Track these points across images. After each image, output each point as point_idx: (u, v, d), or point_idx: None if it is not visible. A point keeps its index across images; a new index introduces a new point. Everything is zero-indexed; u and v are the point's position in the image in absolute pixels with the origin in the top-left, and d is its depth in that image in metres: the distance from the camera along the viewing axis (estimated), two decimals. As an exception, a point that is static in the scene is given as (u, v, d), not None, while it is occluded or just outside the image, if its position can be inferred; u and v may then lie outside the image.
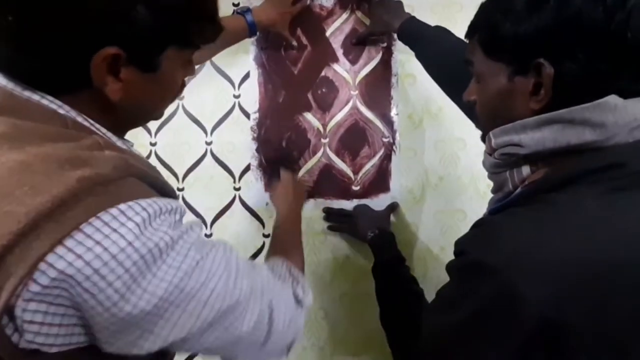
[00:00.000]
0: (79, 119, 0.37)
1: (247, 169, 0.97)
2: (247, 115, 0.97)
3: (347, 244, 0.97)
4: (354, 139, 0.96)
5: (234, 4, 0.96)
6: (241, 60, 0.96)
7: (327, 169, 0.97)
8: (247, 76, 0.97)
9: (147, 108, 0.44)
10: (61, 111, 0.36)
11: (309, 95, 0.96)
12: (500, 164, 0.46)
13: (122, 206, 0.32)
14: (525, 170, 0.44)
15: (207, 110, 0.97)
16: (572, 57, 0.38)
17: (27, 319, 0.29)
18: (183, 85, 0.48)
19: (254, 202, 0.98)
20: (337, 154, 0.97)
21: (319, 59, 0.96)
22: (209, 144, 0.98)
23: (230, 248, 0.43)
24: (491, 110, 0.48)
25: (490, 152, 0.47)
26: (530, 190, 0.42)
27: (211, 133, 0.97)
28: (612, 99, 0.37)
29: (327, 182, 0.96)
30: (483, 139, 0.51)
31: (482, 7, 0.47)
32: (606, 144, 0.38)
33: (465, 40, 0.73)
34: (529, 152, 0.42)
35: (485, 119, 0.50)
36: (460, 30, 0.73)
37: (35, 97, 0.35)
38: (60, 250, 0.29)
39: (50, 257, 0.29)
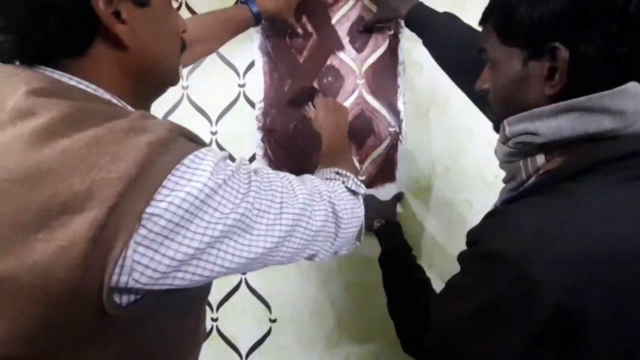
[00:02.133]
0: (114, 100, 0.41)
1: (253, 158, 0.97)
2: (252, 105, 0.96)
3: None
4: (360, 129, 0.95)
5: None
6: (246, 49, 0.94)
7: (332, 159, 0.96)
8: (252, 65, 0.95)
9: (158, 54, 0.45)
10: (98, 94, 0.40)
11: (315, 84, 0.95)
12: (514, 152, 0.46)
13: (190, 157, 0.37)
14: (540, 159, 0.43)
15: (211, 99, 0.96)
16: (589, 40, 0.38)
17: (137, 259, 0.34)
18: (184, 42, 0.50)
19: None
20: (343, 143, 0.96)
21: (325, 47, 0.95)
22: (214, 133, 0.97)
23: (277, 172, 0.49)
24: (505, 97, 0.48)
25: (504, 140, 0.47)
26: (546, 179, 0.42)
27: (216, 123, 0.97)
28: (633, 86, 0.37)
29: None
30: (496, 128, 0.50)
31: None
32: (624, 132, 0.38)
33: (474, 27, 0.72)
34: (545, 140, 0.41)
35: (499, 106, 0.49)
36: (468, 16, 0.72)
37: (72, 82, 0.39)
38: (154, 203, 0.34)
39: (149, 209, 0.34)
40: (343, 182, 0.60)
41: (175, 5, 0.93)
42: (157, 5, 0.43)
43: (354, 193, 0.60)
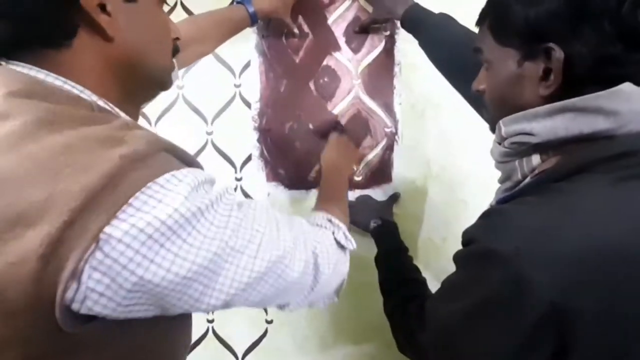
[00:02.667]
0: (100, 102, 0.39)
1: (249, 159, 0.96)
2: (248, 105, 0.96)
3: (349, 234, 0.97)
4: (356, 129, 0.95)
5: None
6: (242, 49, 0.94)
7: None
8: (248, 65, 0.95)
9: (143, 50, 0.43)
10: (84, 96, 0.38)
11: (311, 85, 0.95)
12: (509, 152, 0.46)
13: (165, 177, 0.34)
14: (536, 159, 0.43)
15: (207, 99, 0.96)
16: (583, 41, 0.38)
17: (91, 286, 0.31)
18: (177, 46, 0.49)
19: (255, 192, 0.97)
20: (339, 144, 0.96)
21: (321, 48, 0.95)
22: (209, 133, 0.97)
23: (267, 205, 0.46)
24: (500, 97, 0.48)
25: (499, 140, 0.47)
26: (541, 179, 0.42)
27: (212, 123, 0.96)
28: (627, 86, 0.37)
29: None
30: (492, 129, 0.50)
31: None
32: (618, 132, 0.38)
33: (469, 28, 0.72)
34: (540, 140, 0.42)
35: (494, 106, 0.50)
36: (463, 16, 0.73)
37: (58, 82, 0.37)
38: (115, 222, 0.31)
39: (107, 229, 0.31)
40: (333, 233, 0.57)
41: (171, 3, 0.92)
42: (144, 2, 0.43)
43: (342, 247, 0.57)
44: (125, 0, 0.41)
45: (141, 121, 0.96)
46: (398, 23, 0.84)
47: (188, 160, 0.39)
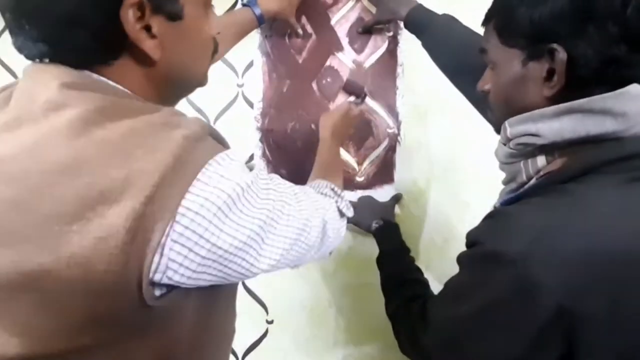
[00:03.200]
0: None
1: (251, 158, 0.96)
2: (251, 105, 0.96)
3: (351, 235, 0.96)
4: (358, 130, 0.95)
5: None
6: (245, 49, 0.94)
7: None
8: (250, 65, 0.95)
9: (187, 65, 0.45)
10: (129, 92, 0.40)
11: (314, 85, 0.95)
12: (515, 154, 0.46)
13: (220, 155, 0.37)
14: (541, 160, 0.43)
15: (210, 99, 0.96)
16: (587, 42, 0.38)
17: (172, 257, 0.34)
18: (217, 45, 0.49)
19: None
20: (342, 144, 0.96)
21: (324, 48, 0.95)
22: (211, 133, 0.97)
23: (284, 181, 0.50)
24: (504, 97, 0.48)
25: (505, 141, 0.47)
26: (547, 180, 0.42)
27: (214, 122, 0.96)
28: (634, 88, 0.37)
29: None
30: (497, 130, 0.50)
31: None
32: (625, 133, 0.38)
33: (473, 29, 0.72)
34: (547, 142, 0.41)
35: (499, 107, 0.50)
36: (466, 17, 0.72)
37: (103, 79, 0.39)
38: (189, 196, 0.34)
39: (184, 202, 0.34)
40: (336, 202, 0.62)
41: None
42: (190, 17, 0.42)
43: (342, 215, 0.63)
44: (171, 19, 0.40)
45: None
46: (401, 24, 0.84)
47: (227, 145, 0.43)
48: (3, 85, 0.42)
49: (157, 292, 0.35)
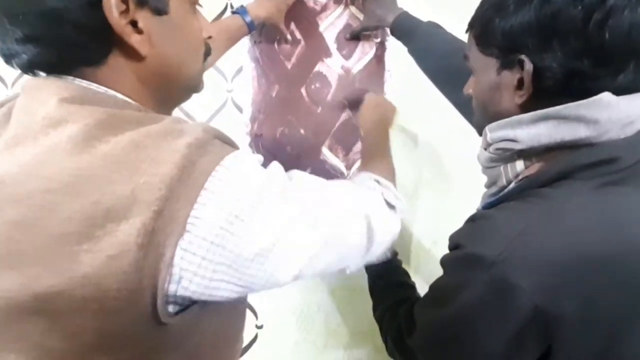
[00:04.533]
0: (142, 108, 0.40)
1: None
2: (240, 110, 0.96)
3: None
4: (347, 135, 0.96)
5: (231, 5, 0.95)
6: (234, 55, 0.94)
7: (319, 164, 0.97)
8: (240, 70, 0.95)
9: (178, 62, 0.43)
10: (129, 100, 0.39)
11: (303, 90, 0.96)
12: (494, 158, 0.47)
13: (227, 159, 0.36)
14: (520, 165, 0.44)
15: (199, 104, 0.96)
16: (552, 55, 0.39)
17: (184, 267, 0.33)
18: (209, 48, 0.48)
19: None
20: (330, 149, 0.97)
21: (313, 54, 0.96)
22: (201, 138, 0.97)
23: (310, 178, 0.47)
24: (482, 103, 0.50)
25: (485, 146, 0.48)
26: (525, 185, 0.43)
27: (203, 127, 0.97)
28: (606, 96, 0.38)
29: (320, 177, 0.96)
30: (479, 133, 0.52)
31: (481, 3, 0.47)
32: (599, 139, 0.39)
33: (456, 36, 0.74)
34: (524, 147, 0.43)
35: (478, 111, 0.52)
36: (453, 23, 0.74)
37: (100, 90, 0.38)
38: (197, 206, 0.33)
39: (193, 213, 0.33)
40: (382, 194, 0.57)
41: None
42: (176, 12, 0.42)
43: (392, 206, 0.58)
44: (156, 13, 0.39)
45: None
46: (388, 30, 0.86)
47: (233, 143, 0.41)
48: (1, 101, 0.41)
49: (172, 309, 0.35)
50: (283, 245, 0.38)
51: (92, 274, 0.31)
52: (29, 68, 0.38)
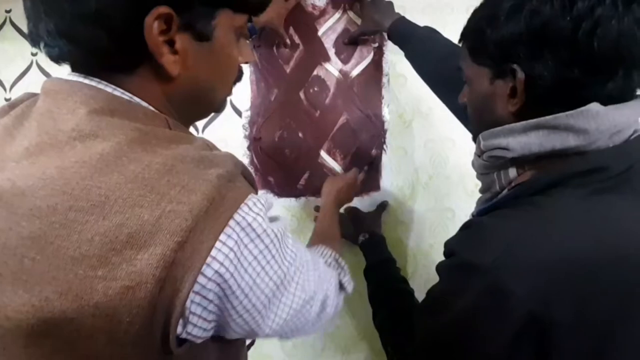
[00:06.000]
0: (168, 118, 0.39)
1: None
2: (239, 113, 0.97)
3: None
4: (345, 138, 0.97)
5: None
6: (233, 58, 0.95)
7: (318, 167, 0.97)
8: (238, 74, 0.96)
9: (208, 88, 0.42)
10: (156, 111, 0.38)
11: (301, 94, 0.96)
12: (488, 165, 0.48)
13: (251, 199, 0.35)
14: (512, 172, 0.45)
15: (198, 108, 0.97)
16: (542, 64, 0.40)
17: (193, 310, 0.32)
18: (241, 71, 0.47)
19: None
20: (328, 152, 0.97)
21: (311, 58, 0.96)
22: (200, 142, 0.97)
23: (300, 244, 0.46)
24: (477, 112, 0.50)
25: (479, 153, 0.49)
26: (517, 192, 0.43)
27: (202, 131, 0.97)
28: (594, 106, 0.39)
29: (318, 181, 0.97)
30: (474, 139, 0.52)
31: (473, 14, 0.48)
32: (588, 148, 0.40)
33: (452, 41, 0.74)
34: (516, 155, 0.43)
35: (473, 120, 0.52)
36: (450, 32, 0.75)
37: (126, 97, 0.37)
38: (219, 245, 0.32)
39: (213, 252, 0.32)
40: (339, 274, 0.58)
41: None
42: (219, 41, 0.40)
43: (342, 289, 0.58)
44: (197, 39, 0.38)
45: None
46: (386, 35, 0.86)
47: (255, 183, 0.41)
48: (12, 101, 0.39)
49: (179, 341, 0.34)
50: (274, 303, 0.39)
51: (104, 305, 0.29)
52: (56, 61, 0.37)
